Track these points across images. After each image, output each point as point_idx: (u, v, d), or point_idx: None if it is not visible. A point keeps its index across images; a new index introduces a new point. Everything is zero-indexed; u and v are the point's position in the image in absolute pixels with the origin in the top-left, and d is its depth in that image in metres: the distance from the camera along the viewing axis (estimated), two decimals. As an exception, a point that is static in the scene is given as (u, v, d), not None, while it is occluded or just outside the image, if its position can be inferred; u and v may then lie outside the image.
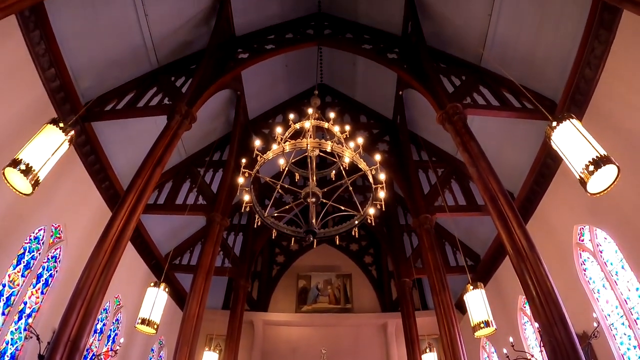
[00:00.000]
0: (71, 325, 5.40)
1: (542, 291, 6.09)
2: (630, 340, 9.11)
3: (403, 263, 16.02)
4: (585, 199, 9.38)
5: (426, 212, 12.18)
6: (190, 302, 10.31)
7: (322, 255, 20.58)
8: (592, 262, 10.09)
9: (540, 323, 5.92)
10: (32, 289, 9.66)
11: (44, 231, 9.87)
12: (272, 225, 5.26)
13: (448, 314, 10.19)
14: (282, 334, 18.81)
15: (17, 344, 9.24)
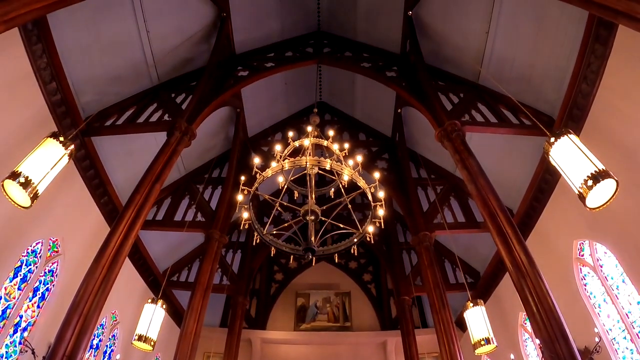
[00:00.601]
0: (67, 340, 5.34)
1: (543, 307, 6.05)
2: (633, 354, 9.04)
3: (402, 281, 15.93)
4: (584, 213, 9.42)
5: (425, 230, 12.15)
6: (187, 319, 10.22)
7: (321, 273, 20.47)
8: (593, 276, 10.06)
9: (541, 339, 5.87)
10: (28, 303, 9.58)
11: (41, 244, 9.82)
12: (271, 243, 5.25)
13: (448, 332, 10.10)
14: (280, 353, 18.60)
15: (12, 358, 9.12)
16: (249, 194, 5.20)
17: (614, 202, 4.08)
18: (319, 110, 8.88)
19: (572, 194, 4.47)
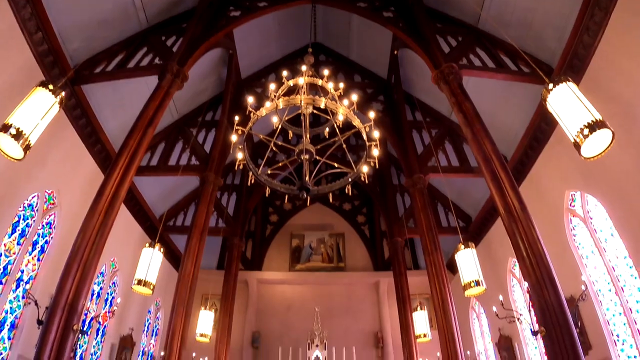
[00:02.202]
0: (68, 288, 5.44)
1: (533, 252, 6.18)
2: (616, 307, 9.29)
3: (395, 223, 16.19)
4: (577, 165, 9.45)
5: (419, 172, 12.22)
6: (185, 262, 10.42)
7: (315, 214, 20.76)
8: (582, 228, 10.19)
9: (530, 283, 6.04)
10: (28, 257, 9.70)
11: (37, 198, 9.85)
12: (266, 183, 5.21)
13: (439, 274, 10.37)
14: (276, 293, 19.15)
15: (16, 312, 9.35)
16: (243, 134, 5.13)
17: (608, 156, 4.08)
18: (313, 51, 8.66)
19: (566, 144, 4.46)
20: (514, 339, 13.20)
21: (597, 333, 9.41)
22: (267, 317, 18.31)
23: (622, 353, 9.14)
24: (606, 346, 9.25)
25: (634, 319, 8.79)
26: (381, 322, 18.29)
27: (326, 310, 16.98)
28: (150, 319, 16.09)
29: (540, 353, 12.23)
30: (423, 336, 13.30)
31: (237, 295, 15.94)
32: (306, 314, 16.77)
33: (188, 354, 9.86)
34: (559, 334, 5.43)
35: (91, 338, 12.25)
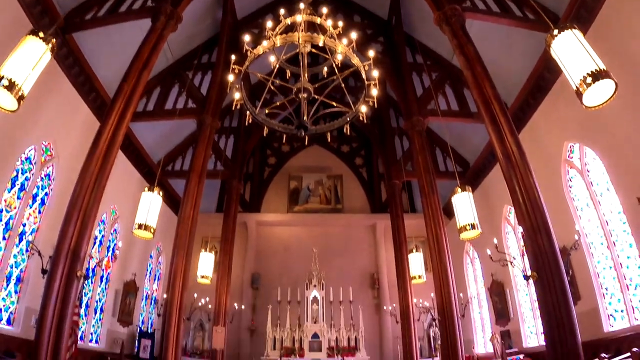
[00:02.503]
0: (70, 235, 5.51)
1: (529, 198, 6.24)
2: (607, 260, 9.45)
3: (393, 165, 16.25)
4: (578, 117, 9.35)
5: (418, 115, 12.13)
6: (184, 205, 10.52)
7: (313, 156, 20.78)
8: (579, 180, 10.20)
9: (524, 228, 6.13)
10: (29, 210, 9.74)
11: (34, 150, 9.77)
12: (264, 122, 5.14)
13: (435, 216, 10.52)
14: (274, 234, 19.47)
15: (21, 266, 9.49)
16: (240, 73, 5.01)
17: (610, 110, 4.04)
18: (312, -11, 8.38)
19: (568, 95, 4.39)
20: (505, 284, 13.56)
21: (586, 285, 9.65)
22: (266, 259, 18.71)
23: (609, 306, 9.41)
24: (595, 298, 9.50)
25: (624, 274, 8.98)
26: (377, 264, 18.74)
27: (324, 251, 17.27)
28: (152, 264, 16.45)
29: (530, 300, 12.60)
30: (418, 278, 13.65)
31: (237, 238, 16.23)
32: (304, 255, 17.07)
33: (190, 295, 10.12)
34: (550, 280, 5.58)
35: (95, 285, 12.54)
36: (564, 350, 5.26)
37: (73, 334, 10.47)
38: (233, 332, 15.92)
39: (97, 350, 12.32)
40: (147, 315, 15.96)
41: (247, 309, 17.14)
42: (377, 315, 17.77)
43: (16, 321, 9.13)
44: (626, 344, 8.30)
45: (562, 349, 5.28)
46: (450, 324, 9.28)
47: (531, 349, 12.21)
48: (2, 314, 8.94)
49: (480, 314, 15.99)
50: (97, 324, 12.70)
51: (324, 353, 14.51)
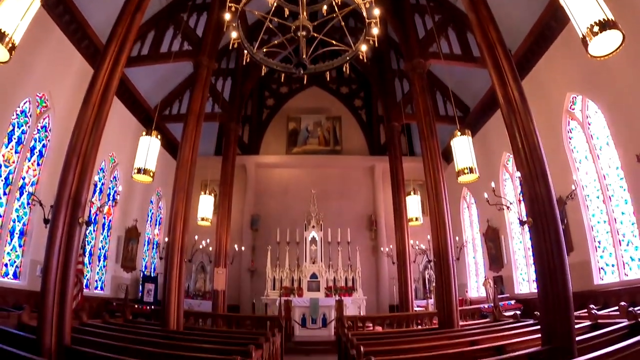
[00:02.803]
0: (70, 182, 5.49)
1: (528, 144, 6.18)
2: (602, 214, 9.61)
3: (393, 107, 16.10)
4: (582, 68, 9.22)
5: (420, 57, 11.83)
6: (183, 147, 10.45)
7: (312, 97, 20.59)
8: (579, 132, 10.19)
9: (522, 174, 6.11)
10: (27, 163, 9.77)
11: (29, 103, 9.67)
12: (262, 61, 4.99)
13: (434, 158, 10.47)
14: (273, 176, 19.58)
15: (24, 219, 9.62)
16: (237, 11, 4.82)
17: (615, 63, 3.94)
18: None
19: (574, 45, 4.24)
20: (500, 231, 13.83)
21: (580, 236, 9.85)
22: (266, 200, 18.91)
23: (601, 260, 9.66)
24: (587, 250, 9.74)
25: (617, 229, 9.16)
26: (375, 206, 18.99)
27: (322, 192, 17.45)
28: (152, 209, 16.69)
29: (524, 248, 12.90)
30: (415, 220, 13.87)
31: (236, 180, 16.30)
32: (303, 197, 17.25)
33: (190, 237, 10.27)
34: (545, 227, 5.61)
35: (98, 233, 12.79)
36: (555, 296, 5.37)
37: (78, 282, 10.77)
38: (234, 273, 16.31)
39: (103, 297, 12.72)
40: (149, 260, 16.36)
41: (247, 250, 17.51)
42: (374, 257, 18.20)
43: (22, 274, 9.40)
44: (614, 298, 8.60)
45: (553, 295, 5.39)
46: (445, 266, 9.45)
47: (522, 295, 12.63)
48: (8, 268, 9.17)
49: (475, 258, 16.41)
50: (101, 271, 13.07)
51: (322, 293, 14.94)
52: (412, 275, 14.28)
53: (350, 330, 9.78)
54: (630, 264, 8.88)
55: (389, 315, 13.38)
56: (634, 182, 8.30)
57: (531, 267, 12.34)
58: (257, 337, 6.96)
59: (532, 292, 12.17)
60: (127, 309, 10.32)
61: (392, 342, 7.48)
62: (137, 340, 6.62)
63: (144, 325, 9.26)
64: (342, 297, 13.05)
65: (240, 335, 8.51)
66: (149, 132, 8.29)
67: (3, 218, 8.95)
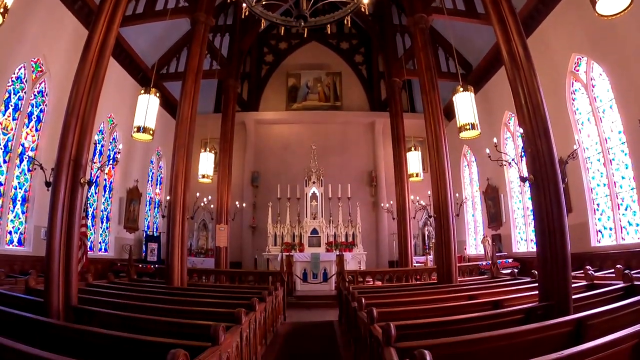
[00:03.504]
0: (70, 143, 5.46)
1: (532, 101, 6.11)
2: (602, 177, 9.62)
3: (394, 63, 15.86)
4: (589, 29, 9.03)
5: (422, 12, 11.55)
6: (182, 105, 10.34)
7: (311, 53, 20.23)
8: (583, 94, 10.07)
9: (525, 131, 6.05)
10: (26, 130, 9.69)
11: (24, 69, 9.52)
12: (261, 15, 4.84)
13: (435, 114, 10.38)
14: (273, 132, 19.50)
15: (25, 186, 9.63)
16: None
17: (623, 27, 3.83)
18: None
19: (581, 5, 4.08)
20: (500, 189, 13.89)
21: (579, 198, 9.91)
22: (266, 157, 18.91)
23: (599, 222, 9.73)
24: (585, 212, 9.82)
25: (617, 193, 9.19)
26: (375, 162, 19.01)
27: (322, 148, 17.42)
28: (153, 169, 16.70)
29: (523, 207, 12.98)
30: (415, 175, 13.91)
31: (236, 137, 16.24)
32: (303, 153, 17.24)
33: (192, 195, 10.29)
34: (546, 184, 5.62)
35: (99, 195, 12.86)
36: (554, 254, 5.43)
37: (82, 245, 10.90)
38: (235, 230, 16.52)
39: (107, 258, 12.96)
40: (151, 220, 16.53)
41: (248, 207, 17.64)
42: (374, 212, 18.37)
43: (27, 241, 9.53)
44: (610, 261, 8.73)
45: (552, 253, 5.45)
46: (445, 222, 9.54)
47: (520, 254, 12.81)
48: (13, 235, 9.27)
49: (474, 216, 16.55)
50: (104, 233, 13.25)
51: (322, 248, 15.15)
52: (412, 232, 14.45)
53: (351, 284, 9.97)
54: (628, 229, 8.98)
55: (389, 270, 13.61)
56: (636, 147, 8.29)
57: (529, 226, 12.51)
58: (261, 291, 7.11)
59: (530, 251, 12.40)
60: (132, 268, 10.51)
61: (393, 295, 7.65)
62: (142, 297, 6.77)
63: (148, 284, 9.46)
64: (343, 253, 13.24)
65: (243, 290, 8.69)
66: (148, 90, 8.20)
67: (4, 186, 9.00)
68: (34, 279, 6.83)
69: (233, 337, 4.17)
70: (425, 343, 3.42)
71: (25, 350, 3.04)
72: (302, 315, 10.02)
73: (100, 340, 3.83)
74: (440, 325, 4.63)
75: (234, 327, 4.39)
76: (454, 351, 3.45)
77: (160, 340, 3.60)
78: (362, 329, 5.20)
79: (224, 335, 3.60)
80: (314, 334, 8.19)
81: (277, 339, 7.42)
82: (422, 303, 6.53)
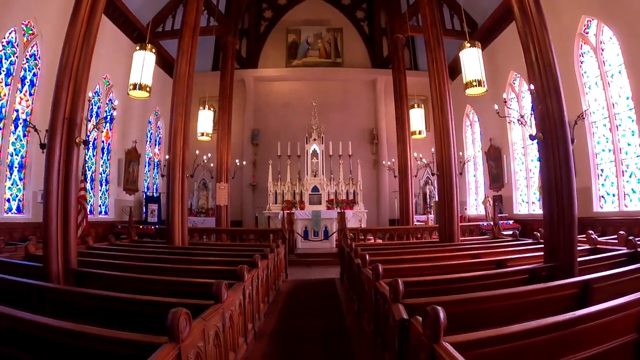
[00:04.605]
0: (63, 102, 5.26)
1: (542, 56, 5.88)
2: (607, 143, 9.47)
3: (397, 18, 15.40)
4: None
5: (428, -35, 11.09)
6: (179, 61, 10.02)
7: (312, 8, 19.69)
8: (592, 57, 9.82)
9: (535, 87, 5.83)
10: (19, 95, 9.47)
11: (15, 32, 9.25)
12: None
13: (440, 70, 10.08)
14: (273, 90, 19.19)
15: (21, 152, 9.50)
16: None
17: None
18: None
19: None
20: (503, 150, 13.76)
21: (583, 163, 9.73)
22: (266, 115, 18.66)
23: (602, 188, 9.66)
24: (589, 177, 9.75)
25: (622, 159, 9.08)
26: (376, 120, 18.81)
27: (323, 105, 17.15)
28: (151, 130, 16.56)
29: (525, 169, 12.87)
30: (418, 133, 13.75)
31: (235, 95, 15.92)
32: (303, 110, 16.98)
33: (191, 153, 10.12)
34: (554, 143, 5.46)
35: (97, 158, 12.74)
36: (560, 214, 5.32)
37: (82, 209, 10.85)
38: (235, 189, 16.49)
39: (108, 221, 12.98)
40: (151, 181, 16.52)
41: (248, 165, 17.56)
42: (374, 170, 18.32)
43: (25, 207, 9.52)
44: (612, 227, 8.70)
45: (559, 213, 5.34)
46: (448, 180, 9.42)
47: (521, 216, 12.80)
48: (11, 203, 9.21)
49: (475, 177, 16.54)
50: (104, 196, 13.24)
51: (323, 205, 15.14)
52: (413, 190, 14.39)
53: (352, 241, 9.96)
54: (631, 196, 8.93)
55: (391, 228, 13.64)
56: (644, 114, 8.11)
57: (531, 188, 12.47)
58: (262, 249, 7.08)
59: (531, 213, 12.44)
60: (132, 230, 10.47)
61: (395, 252, 7.68)
62: (142, 258, 6.74)
63: (149, 244, 9.43)
64: (344, 210, 13.21)
65: (245, 248, 8.70)
66: (143, 46, 7.94)
67: (0, 153, 8.87)
68: (34, 245, 6.77)
69: (236, 294, 4.14)
70: (433, 300, 3.39)
71: (19, 316, 2.98)
72: (304, 273, 10.09)
73: (101, 302, 3.79)
74: (445, 282, 4.62)
75: (237, 285, 4.36)
76: (460, 309, 3.41)
77: (162, 299, 3.56)
78: (366, 285, 5.18)
79: (226, 293, 3.56)
80: (316, 291, 8.24)
81: (279, 297, 7.45)
82: (425, 261, 6.53)
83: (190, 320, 2.59)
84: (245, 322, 4.57)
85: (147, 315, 3.41)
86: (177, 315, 2.46)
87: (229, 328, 3.66)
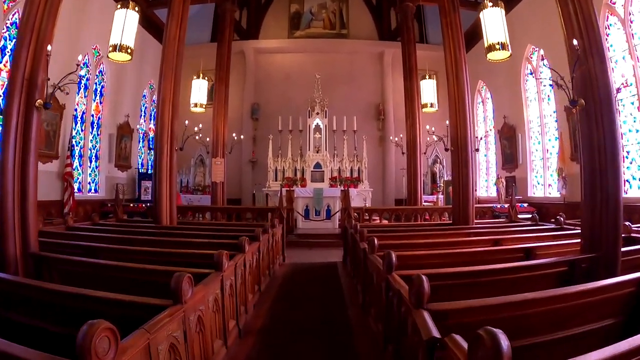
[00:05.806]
0: (23, 61, 4.45)
1: (582, 9, 5.01)
2: (635, 123, 8.71)
3: (406, -14, 14.35)
4: None
5: None
6: (169, 23, 9.10)
7: (315, -24, 18.58)
8: (619, 29, 9.01)
9: (579, 44, 4.88)
10: None
11: None
12: None
13: (456, 37, 9.11)
14: (274, 62, 18.22)
15: None
16: None
17: None
18: None
19: None
20: (518, 128, 12.91)
21: None
22: (266, 88, 17.72)
23: (627, 171, 8.88)
24: None
25: None
26: (383, 94, 17.87)
27: (327, 79, 16.20)
28: (146, 104, 15.71)
29: (542, 149, 12.02)
30: (430, 106, 12.87)
31: (234, 68, 14.98)
32: (306, 84, 16.06)
33: (181, 122, 9.23)
34: (597, 111, 4.59)
35: (86, 132, 11.97)
36: (604, 197, 4.48)
37: (69, 187, 10.13)
38: (233, 165, 15.72)
39: (98, 199, 12.28)
40: (145, 157, 15.77)
41: (247, 140, 16.80)
42: (380, 147, 17.52)
43: None
44: (638, 215, 7.92)
45: (602, 195, 4.50)
46: (464, 156, 8.53)
47: (536, 199, 12.03)
48: None
49: (486, 156, 15.68)
50: (94, 173, 12.50)
51: (326, 183, 14.40)
52: (422, 169, 13.58)
53: (357, 222, 9.17)
54: None
55: (398, 208, 12.92)
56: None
57: (548, 170, 11.69)
58: (254, 229, 6.29)
59: (547, 196, 11.72)
60: (119, 208, 9.77)
61: (405, 236, 6.96)
62: (121, 239, 5.99)
63: (135, 224, 8.60)
64: (348, 188, 12.43)
65: (237, 228, 7.95)
66: (125, 4, 7.07)
67: None
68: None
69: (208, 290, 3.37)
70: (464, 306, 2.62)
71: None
72: (303, 256, 9.40)
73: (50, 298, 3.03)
74: (470, 276, 3.82)
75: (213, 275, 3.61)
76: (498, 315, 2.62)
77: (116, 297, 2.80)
78: (374, 277, 4.39)
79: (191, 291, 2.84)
80: (316, 276, 7.51)
81: (274, 283, 6.71)
82: (441, 246, 5.77)
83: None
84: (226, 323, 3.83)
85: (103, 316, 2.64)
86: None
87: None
